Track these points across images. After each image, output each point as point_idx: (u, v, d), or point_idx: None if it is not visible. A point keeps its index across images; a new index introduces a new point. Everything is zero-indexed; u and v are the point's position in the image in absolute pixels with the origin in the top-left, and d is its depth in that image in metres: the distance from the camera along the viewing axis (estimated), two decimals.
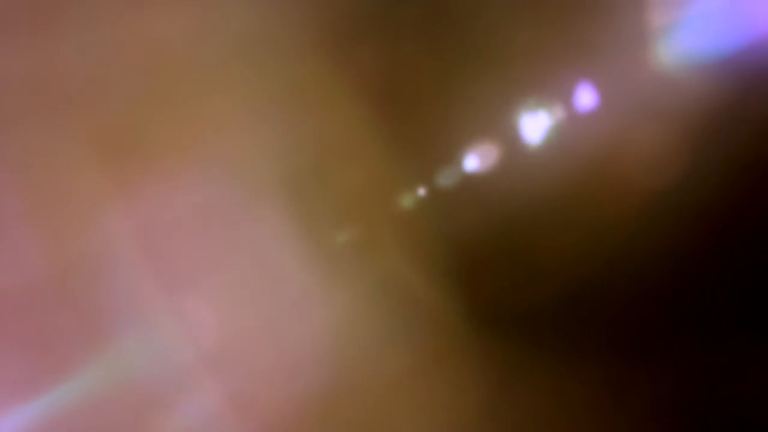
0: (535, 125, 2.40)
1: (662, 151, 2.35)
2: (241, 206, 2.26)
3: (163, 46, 2.22)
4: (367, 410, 2.25)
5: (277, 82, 2.33)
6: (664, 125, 2.35)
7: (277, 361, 2.21)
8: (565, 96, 2.39)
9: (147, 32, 2.19)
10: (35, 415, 2.01)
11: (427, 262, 2.38)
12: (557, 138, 2.39)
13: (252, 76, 2.31)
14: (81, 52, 2.15)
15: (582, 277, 2.33)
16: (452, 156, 2.40)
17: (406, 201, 2.41)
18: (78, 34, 2.15)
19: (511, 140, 2.39)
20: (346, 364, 2.25)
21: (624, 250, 2.34)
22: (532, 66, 2.39)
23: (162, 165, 2.16)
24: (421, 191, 2.40)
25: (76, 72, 2.14)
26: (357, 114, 2.37)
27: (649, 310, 2.35)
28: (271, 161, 2.31)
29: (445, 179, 2.39)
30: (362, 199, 2.39)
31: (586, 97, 2.39)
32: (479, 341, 2.34)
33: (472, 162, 2.40)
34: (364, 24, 2.38)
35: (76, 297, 2.07)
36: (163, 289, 2.11)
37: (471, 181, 2.39)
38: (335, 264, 2.32)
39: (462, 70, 2.40)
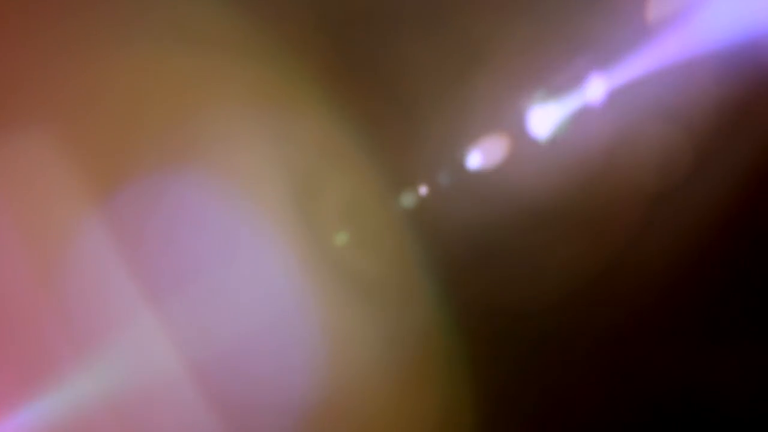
0: (537, 122, 2.37)
1: (667, 150, 2.31)
2: (234, 209, 2.26)
3: (153, 50, 2.22)
4: (363, 413, 2.24)
5: (271, 82, 2.33)
6: (669, 122, 2.31)
7: (271, 366, 2.20)
8: (567, 92, 2.35)
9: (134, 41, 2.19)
10: (19, 423, 2.02)
11: (425, 264, 2.36)
12: (559, 135, 2.35)
13: (246, 76, 2.30)
14: (67, 55, 2.16)
15: (583, 279, 2.31)
16: (450, 154, 2.37)
17: (406, 201, 2.38)
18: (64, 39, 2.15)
19: (510, 138, 2.36)
20: (341, 368, 2.24)
21: (626, 251, 2.31)
22: (534, 61, 2.36)
23: (150, 169, 2.16)
24: (422, 190, 2.38)
25: (63, 74, 2.15)
26: (354, 113, 2.35)
27: (652, 310, 2.32)
28: (267, 163, 2.30)
29: (444, 178, 2.37)
30: (360, 201, 2.38)
31: (589, 93, 2.35)
32: (477, 343, 2.32)
33: (471, 161, 2.37)
34: (359, 21, 2.36)
35: (60, 304, 2.07)
36: (150, 295, 2.11)
37: (470, 181, 2.36)
38: (331, 266, 2.30)
39: (460, 65, 2.37)
